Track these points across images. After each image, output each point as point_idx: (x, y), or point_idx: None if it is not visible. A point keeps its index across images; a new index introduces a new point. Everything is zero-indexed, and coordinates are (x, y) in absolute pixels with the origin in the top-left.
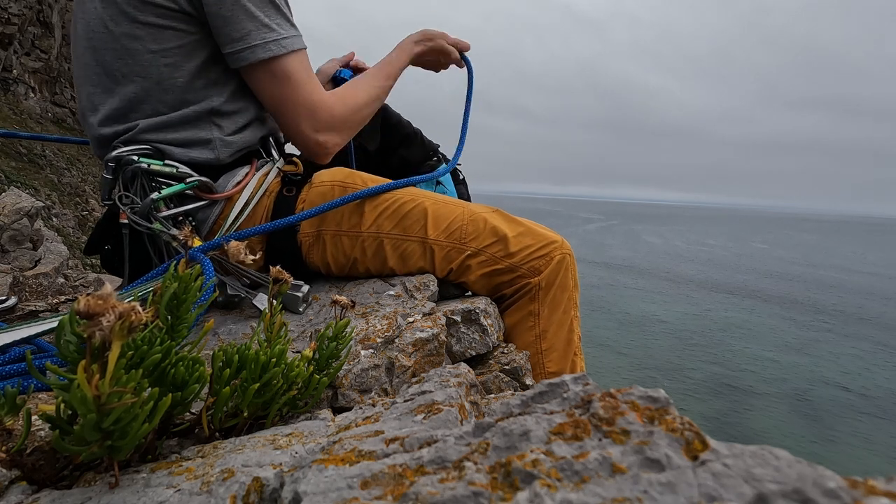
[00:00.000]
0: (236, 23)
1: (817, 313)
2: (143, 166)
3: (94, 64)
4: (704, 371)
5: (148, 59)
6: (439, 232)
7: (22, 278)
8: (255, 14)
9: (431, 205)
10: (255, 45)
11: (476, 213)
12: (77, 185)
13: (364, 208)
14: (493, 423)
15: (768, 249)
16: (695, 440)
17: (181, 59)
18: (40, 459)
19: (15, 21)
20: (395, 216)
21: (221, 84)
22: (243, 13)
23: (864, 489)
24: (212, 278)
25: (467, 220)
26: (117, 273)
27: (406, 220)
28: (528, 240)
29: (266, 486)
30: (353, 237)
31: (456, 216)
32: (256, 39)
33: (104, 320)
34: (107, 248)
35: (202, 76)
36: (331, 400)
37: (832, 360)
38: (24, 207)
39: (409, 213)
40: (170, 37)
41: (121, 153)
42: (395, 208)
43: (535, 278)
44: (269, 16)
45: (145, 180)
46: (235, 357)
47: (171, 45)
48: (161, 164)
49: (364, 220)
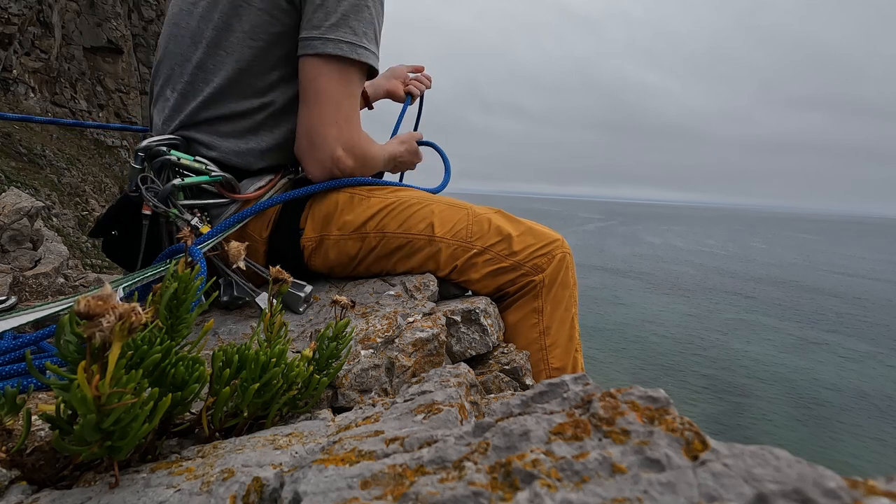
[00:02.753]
0: (328, 12)
1: (817, 313)
2: (171, 158)
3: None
4: (704, 371)
5: (238, 39)
6: (445, 231)
7: (22, 278)
8: (348, 16)
9: (436, 205)
10: (333, 39)
11: (480, 214)
12: (77, 185)
13: (368, 209)
14: (493, 423)
15: (768, 249)
16: (695, 440)
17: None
18: (40, 459)
19: (15, 21)
20: (401, 216)
21: (286, 83)
22: (340, 8)
23: (864, 489)
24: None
25: (472, 220)
26: (119, 261)
27: (412, 219)
28: (530, 239)
29: (266, 486)
30: (357, 238)
31: (460, 216)
32: (337, 35)
33: (104, 321)
34: (113, 234)
35: (277, 69)
36: (331, 400)
37: (832, 361)
38: (24, 207)
39: (414, 213)
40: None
41: (150, 143)
42: (402, 209)
43: (537, 276)
44: (361, 23)
45: (171, 172)
46: (235, 357)
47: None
48: (191, 160)
49: (368, 221)
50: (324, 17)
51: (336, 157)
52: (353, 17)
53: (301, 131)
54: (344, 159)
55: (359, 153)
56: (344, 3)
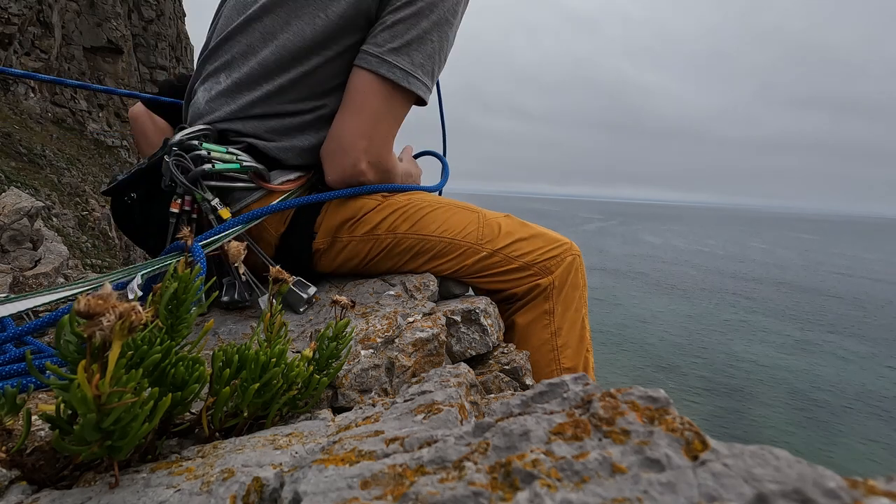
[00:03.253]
0: (394, 35)
1: (817, 314)
2: (202, 153)
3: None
4: (704, 371)
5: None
6: (456, 233)
7: (22, 278)
8: (411, 44)
9: (448, 208)
10: (390, 62)
11: (490, 218)
12: (77, 185)
13: (381, 213)
14: (493, 423)
15: (768, 249)
16: (695, 440)
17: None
18: (40, 459)
19: (15, 21)
20: (413, 217)
21: (342, 89)
22: (406, 36)
23: (864, 489)
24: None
25: (483, 223)
26: (127, 229)
27: (424, 220)
28: (540, 242)
29: (266, 486)
30: (369, 240)
31: (472, 219)
32: (395, 59)
33: (104, 320)
34: (131, 197)
35: (339, 77)
36: (331, 400)
37: (832, 361)
38: (24, 207)
39: (427, 215)
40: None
41: (183, 137)
42: (414, 210)
43: (546, 278)
44: (421, 55)
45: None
46: (235, 357)
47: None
48: (223, 151)
49: (381, 223)
50: (389, 38)
51: (359, 169)
52: (415, 46)
53: (333, 133)
54: (366, 172)
55: (382, 170)
56: (412, 31)
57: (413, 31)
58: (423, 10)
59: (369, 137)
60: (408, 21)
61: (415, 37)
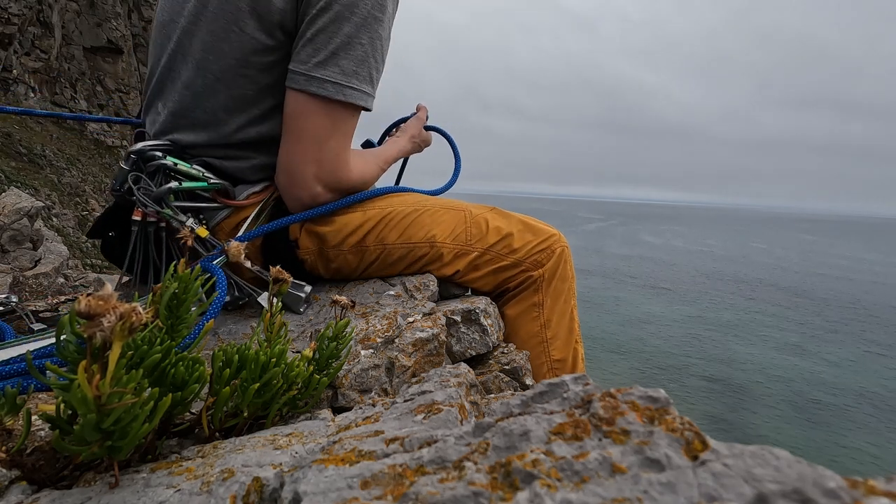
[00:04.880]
0: (317, 49)
1: (817, 314)
2: (168, 164)
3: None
4: (704, 371)
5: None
6: (445, 236)
7: (22, 278)
8: (337, 53)
9: (434, 210)
10: (318, 77)
11: (477, 215)
12: (77, 185)
13: (365, 224)
14: (493, 423)
15: (768, 249)
16: (695, 440)
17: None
18: (40, 459)
19: (15, 21)
20: (400, 226)
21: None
22: (329, 46)
23: (864, 489)
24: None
25: (470, 222)
26: (117, 262)
27: (411, 227)
28: (529, 235)
29: (266, 486)
30: (357, 252)
31: (459, 220)
32: (323, 73)
33: (105, 321)
34: (111, 235)
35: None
36: (331, 400)
37: (832, 361)
38: (24, 207)
39: (413, 221)
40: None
41: (145, 146)
42: (400, 218)
43: (537, 271)
44: (351, 62)
45: (164, 176)
46: (235, 357)
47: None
48: (188, 166)
49: (367, 235)
50: (312, 52)
51: (314, 195)
52: (342, 54)
53: (280, 167)
54: (323, 195)
55: (344, 187)
56: (335, 39)
57: (336, 38)
58: (343, 14)
59: (317, 161)
60: (328, 29)
61: (339, 44)
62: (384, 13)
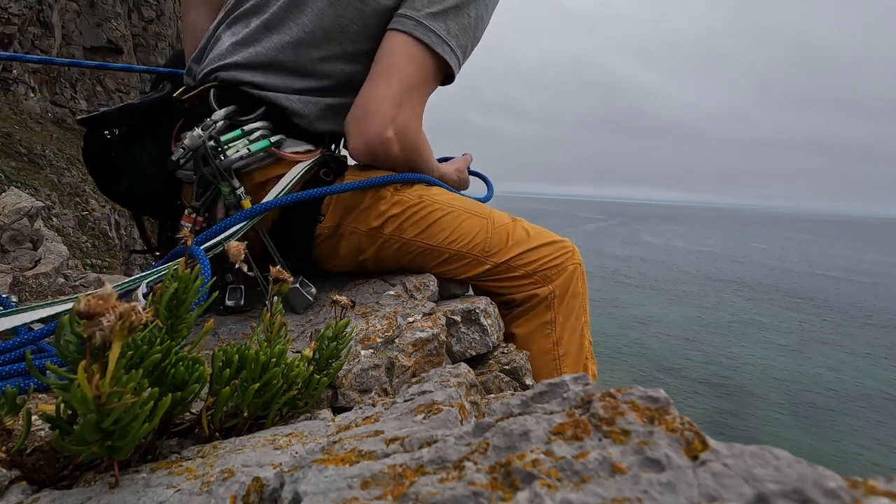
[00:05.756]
0: (433, 1)
1: (817, 314)
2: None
3: None
4: (704, 371)
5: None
6: (464, 244)
7: (22, 278)
8: (448, 13)
9: (458, 214)
10: (427, 25)
11: (499, 226)
12: (77, 185)
13: (391, 209)
14: (493, 423)
15: (767, 250)
16: (695, 440)
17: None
18: (40, 459)
19: (15, 21)
20: (422, 223)
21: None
22: (444, 3)
23: (864, 489)
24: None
25: (491, 231)
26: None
27: (432, 228)
28: (546, 251)
29: (266, 486)
30: (373, 237)
31: (481, 228)
32: (432, 24)
33: (104, 320)
34: (111, 133)
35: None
36: (331, 400)
37: (832, 361)
38: (24, 207)
39: (435, 221)
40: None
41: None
42: (424, 215)
43: (545, 287)
44: (457, 25)
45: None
46: (235, 357)
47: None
48: (239, 135)
49: (387, 222)
50: (427, 3)
51: (385, 138)
52: (452, 16)
53: (360, 100)
54: (392, 142)
55: (409, 142)
56: (448, 1)
57: (448, 0)
58: None
59: (398, 104)
60: None
61: (451, 6)
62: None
